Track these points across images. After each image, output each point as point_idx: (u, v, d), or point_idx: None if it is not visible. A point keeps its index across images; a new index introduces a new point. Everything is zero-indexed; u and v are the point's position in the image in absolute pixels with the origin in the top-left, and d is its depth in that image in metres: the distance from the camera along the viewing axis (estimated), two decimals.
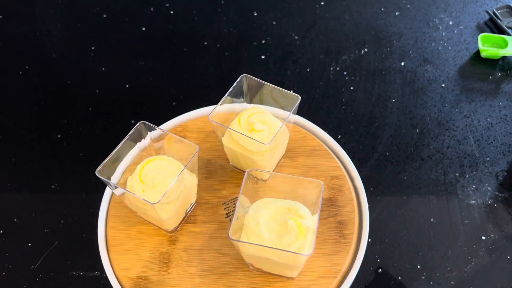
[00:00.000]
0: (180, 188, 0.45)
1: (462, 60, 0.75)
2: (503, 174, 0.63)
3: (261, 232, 0.42)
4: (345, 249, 0.48)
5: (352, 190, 0.52)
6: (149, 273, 0.47)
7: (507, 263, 0.56)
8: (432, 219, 0.59)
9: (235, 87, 0.50)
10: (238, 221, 0.43)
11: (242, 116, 0.49)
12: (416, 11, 0.81)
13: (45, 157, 0.65)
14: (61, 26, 0.79)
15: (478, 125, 0.67)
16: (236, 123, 0.49)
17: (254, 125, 0.48)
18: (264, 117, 0.49)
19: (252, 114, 0.49)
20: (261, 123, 0.48)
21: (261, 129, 0.48)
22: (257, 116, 0.49)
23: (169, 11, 0.81)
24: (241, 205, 0.44)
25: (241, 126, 0.48)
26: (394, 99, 0.70)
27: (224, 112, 0.51)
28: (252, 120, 0.48)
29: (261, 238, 0.41)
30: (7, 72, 0.74)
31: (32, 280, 0.55)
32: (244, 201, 0.45)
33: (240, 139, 0.48)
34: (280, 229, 0.42)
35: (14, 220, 0.59)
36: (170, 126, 0.58)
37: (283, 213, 0.43)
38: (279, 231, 0.42)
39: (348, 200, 0.51)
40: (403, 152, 0.65)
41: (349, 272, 0.47)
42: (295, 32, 0.78)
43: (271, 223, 0.42)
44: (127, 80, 0.72)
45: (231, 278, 0.47)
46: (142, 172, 0.45)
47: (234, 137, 0.48)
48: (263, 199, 0.45)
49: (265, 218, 0.42)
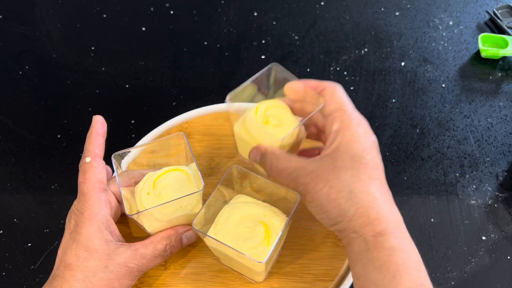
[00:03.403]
0: (177, 213, 0.44)
1: (462, 60, 0.75)
2: (503, 174, 0.63)
3: (229, 229, 0.41)
4: (343, 253, 0.48)
5: None
6: None
7: (507, 263, 0.56)
8: (432, 219, 0.59)
9: (262, 75, 0.47)
10: (209, 212, 0.43)
11: (260, 106, 0.46)
12: (416, 11, 0.81)
13: (45, 157, 0.65)
14: (61, 26, 0.79)
15: (478, 125, 0.67)
16: (252, 112, 0.46)
17: (269, 118, 0.46)
18: (283, 113, 0.47)
19: (271, 107, 0.47)
20: (277, 118, 0.46)
21: (276, 124, 0.46)
22: (276, 110, 0.47)
23: (169, 11, 0.81)
24: (219, 195, 0.43)
25: (257, 116, 0.46)
26: (394, 99, 0.70)
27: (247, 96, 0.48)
28: (269, 113, 0.46)
29: (228, 235, 0.41)
30: (7, 72, 0.74)
31: (32, 280, 0.55)
32: (223, 193, 0.44)
33: (252, 129, 0.46)
34: (248, 231, 0.42)
35: (14, 220, 0.59)
36: (176, 122, 0.58)
37: (257, 216, 0.42)
38: (247, 233, 0.41)
39: None
40: (403, 152, 0.65)
41: (346, 276, 0.47)
42: (295, 32, 0.78)
43: (242, 222, 0.42)
44: (127, 80, 0.72)
45: (227, 276, 0.47)
46: (159, 177, 0.45)
47: (247, 125, 0.46)
48: (243, 196, 0.45)
49: (237, 217, 0.42)
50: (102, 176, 0.44)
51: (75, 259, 0.40)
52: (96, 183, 0.43)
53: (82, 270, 0.40)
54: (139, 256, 0.42)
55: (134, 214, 0.42)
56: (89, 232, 0.41)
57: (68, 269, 0.40)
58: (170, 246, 0.44)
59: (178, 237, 0.44)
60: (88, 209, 0.41)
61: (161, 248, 0.43)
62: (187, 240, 0.46)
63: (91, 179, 0.42)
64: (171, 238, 0.44)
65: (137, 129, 0.67)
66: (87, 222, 0.41)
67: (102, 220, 0.42)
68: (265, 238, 0.41)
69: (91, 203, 0.42)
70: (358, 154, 0.39)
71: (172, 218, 0.44)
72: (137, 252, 0.42)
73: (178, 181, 0.45)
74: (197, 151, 0.55)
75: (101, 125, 0.46)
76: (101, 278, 0.40)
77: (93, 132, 0.45)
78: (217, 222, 0.43)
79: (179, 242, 0.45)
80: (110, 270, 0.40)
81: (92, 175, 0.43)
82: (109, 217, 0.42)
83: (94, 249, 0.40)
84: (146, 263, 0.42)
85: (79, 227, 0.41)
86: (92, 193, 0.42)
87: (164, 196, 0.43)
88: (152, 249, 0.42)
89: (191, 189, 0.44)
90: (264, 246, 0.41)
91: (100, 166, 0.44)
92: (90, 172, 0.43)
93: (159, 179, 0.45)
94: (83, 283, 0.39)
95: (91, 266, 0.40)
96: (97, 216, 0.41)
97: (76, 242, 0.40)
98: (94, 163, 0.43)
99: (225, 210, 0.43)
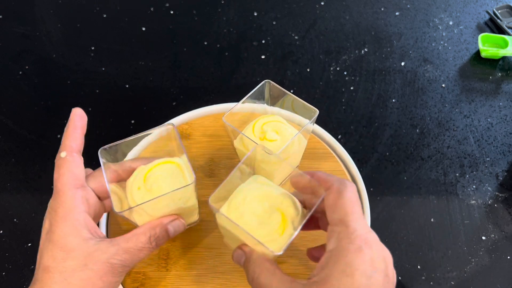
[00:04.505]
0: (170, 207, 0.42)
1: (462, 60, 0.75)
2: (503, 174, 0.63)
3: (243, 210, 0.39)
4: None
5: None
6: (147, 268, 0.47)
7: (507, 263, 0.56)
8: (432, 219, 0.59)
9: (256, 91, 0.48)
10: (224, 189, 0.41)
11: (258, 122, 0.47)
12: (416, 11, 0.81)
13: (45, 157, 0.65)
14: (61, 26, 0.79)
15: (478, 125, 0.67)
16: (250, 128, 0.47)
17: (266, 134, 0.46)
18: (280, 126, 0.47)
19: (267, 122, 0.47)
20: (274, 132, 0.46)
21: (273, 139, 0.46)
22: (272, 124, 0.47)
23: (169, 11, 0.81)
24: (239, 174, 0.41)
25: (254, 133, 0.46)
26: (394, 99, 0.70)
27: (245, 113, 0.49)
28: (266, 128, 0.46)
29: (242, 216, 0.39)
30: (7, 72, 0.74)
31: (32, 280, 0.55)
32: (243, 170, 0.42)
33: (250, 146, 0.46)
34: (264, 216, 0.39)
35: (14, 220, 0.59)
36: (176, 123, 0.58)
37: (274, 201, 0.40)
38: (262, 217, 0.39)
39: None
40: (403, 152, 0.65)
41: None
42: (295, 32, 0.78)
43: (258, 205, 0.40)
44: (127, 80, 0.72)
45: (229, 278, 0.47)
46: (150, 171, 0.42)
47: (245, 142, 0.47)
48: (260, 176, 0.43)
49: (254, 198, 0.40)
50: (78, 171, 0.41)
51: (51, 261, 0.38)
52: (71, 179, 0.40)
53: (60, 271, 0.38)
54: (121, 251, 0.39)
55: (124, 211, 0.39)
56: (63, 231, 0.38)
57: (46, 271, 0.38)
58: (155, 238, 0.41)
59: (163, 228, 0.42)
60: (61, 206, 0.39)
61: (144, 240, 0.40)
62: (174, 230, 0.43)
63: (65, 175, 0.40)
64: (155, 229, 0.41)
65: (137, 129, 0.67)
66: (60, 220, 0.39)
67: (78, 218, 0.39)
68: (280, 227, 0.39)
69: (64, 200, 0.39)
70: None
71: (165, 212, 0.42)
72: (119, 247, 0.39)
73: (170, 174, 0.42)
74: (197, 152, 0.55)
75: (79, 118, 0.43)
76: (81, 278, 0.37)
77: (70, 126, 0.43)
78: (231, 201, 0.40)
79: (165, 233, 0.42)
80: (89, 268, 0.38)
81: (67, 170, 0.40)
82: (86, 215, 0.40)
83: (70, 248, 0.38)
84: (130, 258, 0.40)
85: (54, 226, 0.39)
86: (66, 190, 0.40)
87: (156, 190, 0.41)
88: (134, 242, 0.40)
89: (185, 181, 0.42)
90: (278, 234, 0.38)
91: (76, 161, 0.41)
92: (64, 168, 0.40)
93: (150, 173, 0.42)
94: (62, 285, 0.37)
95: (68, 266, 0.38)
96: (72, 214, 0.39)
97: (52, 243, 0.38)
98: (69, 158, 0.41)
99: (241, 189, 0.41)
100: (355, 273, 0.33)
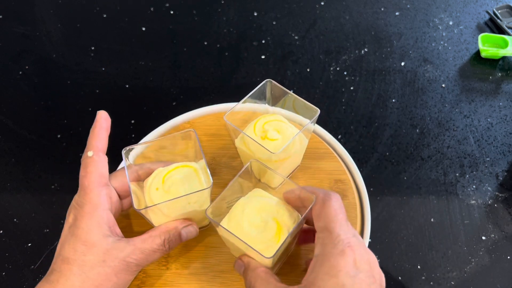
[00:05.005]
0: (185, 209, 0.44)
1: (462, 60, 0.75)
2: (503, 174, 0.63)
3: (242, 221, 0.41)
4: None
5: (356, 195, 0.52)
6: (148, 266, 0.48)
7: (507, 263, 0.56)
8: (432, 219, 0.59)
9: (257, 91, 0.48)
10: (224, 202, 0.43)
11: (259, 121, 0.48)
12: (416, 11, 0.81)
13: (45, 157, 0.65)
14: (61, 26, 0.79)
15: (478, 125, 0.67)
16: (251, 127, 0.47)
17: (267, 133, 0.46)
18: (281, 125, 0.47)
19: (269, 121, 0.48)
20: (276, 131, 0.47)
21: (274, 138, 0.46)
22: (273, 124, 0.47)
23: (169, 11, 0.81)
24: (236, 186, 0.43)
25: (255, 132, 0.47)
26: (394, 99, 0.70)
27: (246, 112, 0.49)
28: (267, 128, 0.47)
29: (240, 227, 0.41)
30: (7, 72, 0.74)
31: (32, 280, 0.55)
32: (240, 185, 0.44)
33: (251, 145, 0.46)
34: (260, 225, 0.41)
35: (14, 220, 0.59)
36: (178, 122, 0.58)
37: (271, 212, 0.42)
38: (259, 227, 0.41)
39: (351, 205, 0.51)
40: (403, 152, 0.65)
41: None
42: (295, 32, 0.78)
43: (255, 216, 0.42)
44: (127, 80, 0.72)
45: (228, 277, 0.47)
46: (169, 173, 0.45)
47: (246, 141, 0.47)
48: (259, 190, 0.45)
49: (252, 210, 0.42)
50: (104, 170, 0.43)
51: (72, 253, 0.39)
52: (98, 178, 0.42)
53: (79, 264, 0.39)
54: (138, 251, 0.41)
55: (143, 209, 0.42)
56: (88, 227, 0.40)
57: (65, 263, 0.39)
58: (169, 241, 0.43)
59: (176, 232, 0.44)
60: (88, 203, 0.41)
61: (159, 242, 0.42)
62: (186, 235, 0.45)
63: (92, 173, 0.42)
64: (170, 233, 0.43)
65: (137, 129, 0.67)
66: (86, 216, 0.40)
67: (102, 215, 0.41)
68: (276, 235, 0.41)
69: (91, 197, 0.41)
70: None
71: (180, 214, 0.44)
72: (136, 247, 0.41)
73: (187, 178, 0.45)
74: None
75: (105, 120, 0.46)
76: (99, 272, 0.39)
77: (97, 126, 0.45)
78: (231, 213, 0.42)
79: (178, 237, 0.44)
80: (108, 265, 0.40)
81: (94, 169, 0.42)
82: (109, 212, 0.42)
83: (92, 244, 0.40)
84: (144, 258, 0.42)
85: (78, 221, 0.40)
86: (93, 187, 0.41)
87: (173, 192, 0.43)
88: (150, 243, 0.42)
89: (200, 185, 0.44)
90: (274, 242, 0.40)
91: (102, 160, 0.43)
92: (91, 166, 0.42)
93: (168, 175, 0.45)
94: (80, 278, 0.39)
95: (88, 261, 0.39)
96: (97, 211, 0.41)
97: (75, 236, 0.40)
98: (96, 158, 0.43)
99: (240, 203, 0.43)
100: (339, 274, 0.34)
